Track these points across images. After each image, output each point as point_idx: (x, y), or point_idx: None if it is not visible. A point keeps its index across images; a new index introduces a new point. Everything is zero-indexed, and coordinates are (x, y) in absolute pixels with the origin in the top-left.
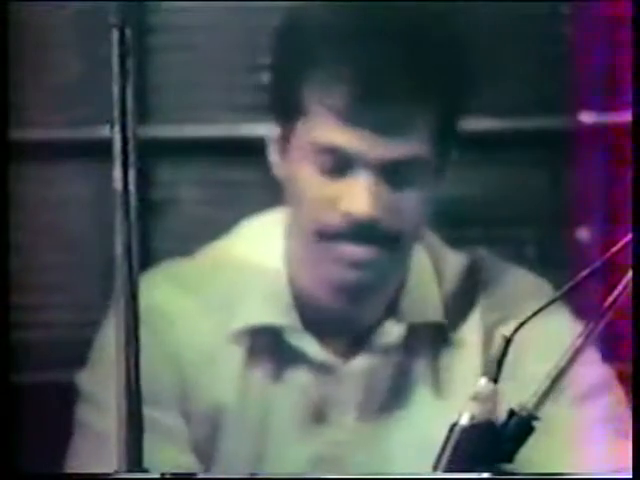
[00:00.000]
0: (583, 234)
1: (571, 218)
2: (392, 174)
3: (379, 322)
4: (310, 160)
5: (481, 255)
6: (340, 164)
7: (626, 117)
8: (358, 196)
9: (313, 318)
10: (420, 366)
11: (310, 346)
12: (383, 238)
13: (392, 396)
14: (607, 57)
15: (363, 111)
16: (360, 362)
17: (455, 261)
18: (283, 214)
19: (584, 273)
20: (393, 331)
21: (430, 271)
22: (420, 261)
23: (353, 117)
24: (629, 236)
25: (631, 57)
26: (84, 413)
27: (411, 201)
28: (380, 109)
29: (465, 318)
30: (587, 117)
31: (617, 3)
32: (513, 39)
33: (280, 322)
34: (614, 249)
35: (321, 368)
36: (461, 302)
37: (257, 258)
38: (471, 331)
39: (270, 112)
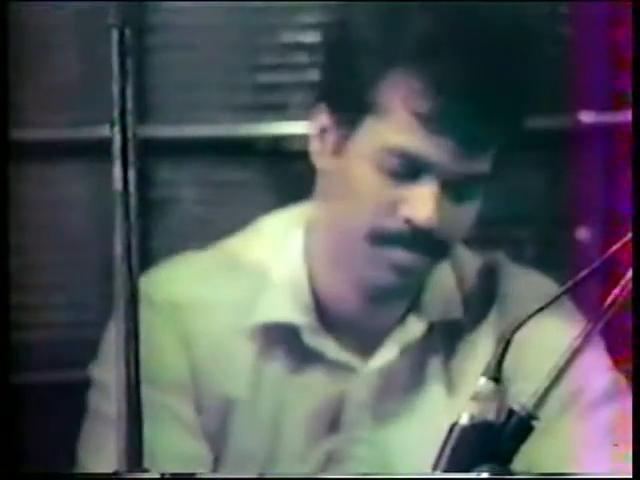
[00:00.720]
0: (583, 234)
1: (571, 218)
2: (456, 187)
3: (399, 320)
4: (372, 159)
5: (496, 257)
6: (408, 169)
7: (626, 117)
8: (423, 204)
9: (332, 317)
10: (435, 364)
11: (328, 346)
12: (434, 248)
13: (407, 394)
14: (607, 57)
15: (448, 121)
16: (379, 360)
17: (473, 262)
18: (302, 211)
19: (584, 273)
20: (414, 328)
21: (450, 270)
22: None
23: (437, 125)
24: (629, 235)
25: (631, 57)
26: (96, 402)
27: (467, 214)
28: (465, 122)
29: (481, 319)
30: (587, 117)
31: (617, 3)
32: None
33: (297, 320)
34: (614, 248)
35: (339, 367)
36: (478, 303)
37: (276, 254)
38: (485, 332)
39: (329, 104)
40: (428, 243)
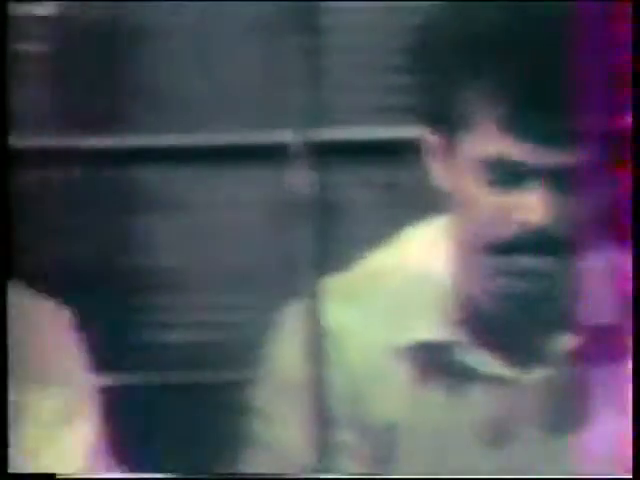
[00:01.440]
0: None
1: None
2: (559, 181)
3: (554, 330)
4: (476, 172)
5: None
6: (509, 175)
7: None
8: (532, 206)
9: (483, 331)
10: (600, 375)
11: (483, 361)
12: (555, 246)
13: (575, 407)
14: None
15: (529, 121)
16: (539, 373)
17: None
18: (445, 222)
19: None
20: (568, 337)
21: (603, 275)
22: (594, 266)
23: (521, 127)
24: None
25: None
26: (255, 427)
27: (580, 206)
28: (543, 118)
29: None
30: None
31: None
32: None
33: (449, 338)
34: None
35: (498, 382)
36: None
37: (421, 269)
38: None
39: (428, 122)
40: (548, 244)
